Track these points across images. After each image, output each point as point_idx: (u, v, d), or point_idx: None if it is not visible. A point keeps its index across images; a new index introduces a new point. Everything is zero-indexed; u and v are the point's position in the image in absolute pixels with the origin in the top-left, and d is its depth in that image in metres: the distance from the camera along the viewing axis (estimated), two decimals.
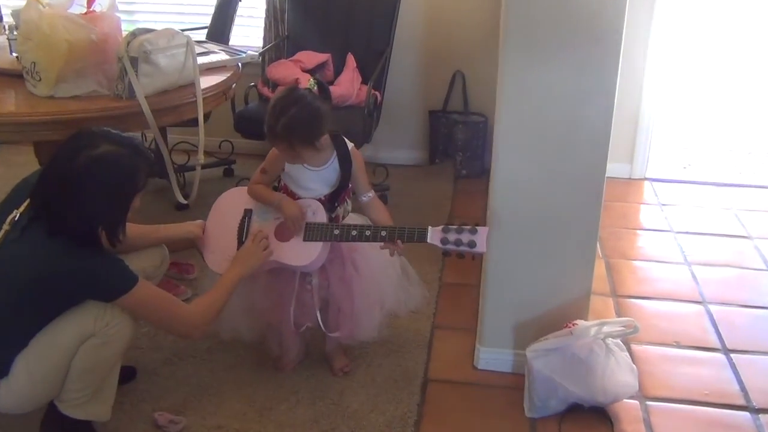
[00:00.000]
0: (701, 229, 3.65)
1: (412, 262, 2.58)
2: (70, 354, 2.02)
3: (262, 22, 4.10)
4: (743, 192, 4.10)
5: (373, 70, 3.65)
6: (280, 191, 2.41)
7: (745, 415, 2.39)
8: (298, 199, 2.35)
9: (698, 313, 2.93)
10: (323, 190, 2.34)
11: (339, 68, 3.80)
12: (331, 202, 2.35)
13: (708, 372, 2.58)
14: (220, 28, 3.83)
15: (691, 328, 2.83)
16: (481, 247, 2.16)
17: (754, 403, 2.43)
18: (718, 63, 5.99)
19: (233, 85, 3.04)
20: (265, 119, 2.17)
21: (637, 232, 3.65)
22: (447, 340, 2.75)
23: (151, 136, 3.18)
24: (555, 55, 2.15)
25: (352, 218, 2.46)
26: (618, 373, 2.30)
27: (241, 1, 3.92)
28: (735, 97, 5.66)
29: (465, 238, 2.16)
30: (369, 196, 2.38)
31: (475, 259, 2.20)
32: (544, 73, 2.17)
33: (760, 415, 2.38)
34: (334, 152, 2.32)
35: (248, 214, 2.39)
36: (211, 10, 3.90)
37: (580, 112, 2.20)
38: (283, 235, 2.33)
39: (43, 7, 2.53)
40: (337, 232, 2.26)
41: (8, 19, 3.09)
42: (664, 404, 2.43)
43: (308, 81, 2.21)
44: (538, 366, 2.30)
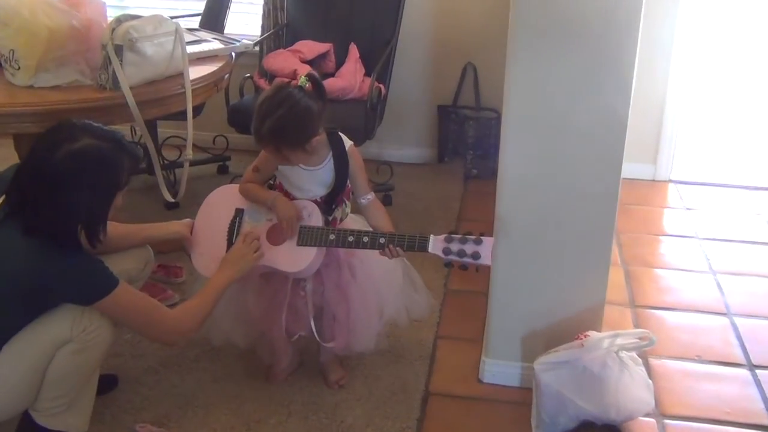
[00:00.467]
0: (728, 236, 3.64)
1: (414, 266, 2.58)
2: (45, 360, 2.03)
3: (260, 9, 4.12)
4: None
5: (377, 62, 3.67)
6: (275, 191, 2.43)
7: None
8: (294, 200, 2.36)
9: (723, 325, 2.93)
10: (319, 192, 2.36)
11: (341, 59, 3.82)
12: (327, 204, 2.36)
13: (731, 389, 2.58)
14: (215, 15, 3.85)
15: (715, 342, 2.82)
16: (486, 259, 2.16)
17: None
18: (748, 59, 5.97)
19: (226, 76, 3.06)
20: (253, 119, 2.18)
21: (660, 237, 3.64)
22: (451, 351, 2.76)
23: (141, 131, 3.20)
24: (567, 48, 2.15)
25: (352, 221, 2.47)
26: (633, 389, 2.30)
27: None
28: (767, 96, 5.64)
29: (469, 248, 2.17)
30: (368, 199, 2.38)
31: (479, 272, 2.20)
32: (555, 68, 2.17)
33: None
34: (330, 151, 2.33)
35: (239, 214, 2.40)
36: None
37: (594, 109, 2.20)
38: (276, 238, 2.34)
39: None
40: (332, 237, 2.27)
41: None
42: (683, 423, 2.43)
43: (299, 77, 2.20)
44: (546, 380, 2.30)
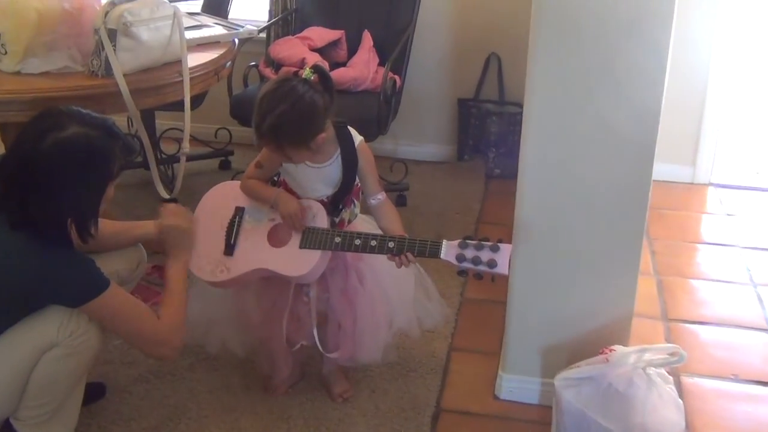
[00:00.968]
0: None
1: (428, 273, 2.59)
2: (29, 366, 2.05)
3: None
4: None
5: (392, 51, 3.67)
6: (278, 188, 2.44)
7: None
8: (298, 200, 2.37)
9: (763, 342, 2.92)
10: (325, 191, 2.36)
11: (353, 47, 3.83)
12: (334, 204, 2.37)
13: None
14: None
15: (754, 360, 2.81)
16: (503, 268, 2.16)
17: None
18: None
19: (228, 64, 3.08)
20: (254, 115, 2.18)
21: (697, 246, 3.63)
22: (465, 364, 2.76)
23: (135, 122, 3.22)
24: (593, 39, 2.15)
25: (361, 223, 2.48)
26: (661, 409, 2.29)
27: None
28: None
29: (484, 256, 2.17)
30: (378, 199, 2.39)
31: (495, 281, 2.20)
32: (580, 60, 2.17)
33: None
34: (338, 147, 2.33)
35: (240, 213, 2.41)
36: None
37: (623, 106, 2.19)
38: (278, 239, 2.35)
39: None
40: (338, 240, 2.28)
41: None
42: None
43: (305, 69, 2.20)
44: (568, 397, 2.30)
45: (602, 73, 2.18)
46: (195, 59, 2.86)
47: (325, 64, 3.63)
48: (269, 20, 4.03)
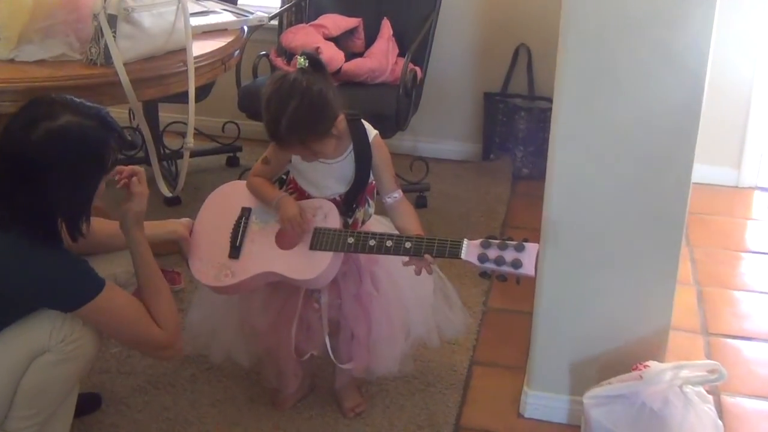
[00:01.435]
0: None
1: (449, 280, 2.59)
2: (18, 372, 2.06)
3: None
4: None
5: (413, 40, 3.68)
6: (288, 187, 2.45)
7: None
8: (308, 199, 2.38)
9: None
10: (338, 188, 2.37)
11: (371, 36, 3.84)
12: (347, 203, 2.38)
13: None
14: None
15: None
16: (528, 269, 2.16)
17: None
18: None
19: (236, 53, 3.09)
20: (264, 121, 2.20)
21: (741, 254, 3.61)
22: (488, 379, 2.76)
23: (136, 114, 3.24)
24: (630, 30, 2.14)
25: (375, 224, 2.48)
26: (699, 431, 2.29)
27: None
28: None
29: (509, 256, 2.17)
30: (395, 197, 2.40)
31: (520, 283, 2.20)
32: (615, 52, 2.17)
33: None
34: (351, 141, 2.34)
35: (246, 214, 2.42)
36: None
37: (660, 102, 2.19)
38: (287, 241, 2.35)
39: None
40: (351, 241, 2.28)
41: None
42: None
43: (298, 58, 2.22)
44: (597, 416, 2.29)
45: (638, 67, 2.17)
46: (201, 47, 2.87)
47: (340, 54, 3.65)
48: (281, 6, 4.05)
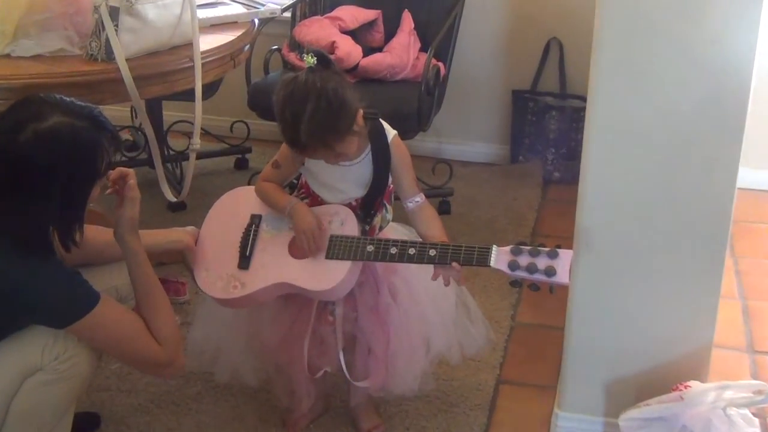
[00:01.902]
0: None
1: (475, 293, 2.59)
2: (8, 393, 2.07)
3: None
4: None
5: (436, 34, 3.68)
6: (300, 191, 2.46)
7: None
8: (324, 205, 2.38)
9: None
10: (354, 192, 2.38)
11: (391, 30, 3.85)
12: (365, 208, 2.38)
13: None
14: None
15: None
16: (562, 277, 2.16)
17: None
18: None
19: (246, 48, 3.10)
20: (280, 128, 2.21)
21: None
22: (516, 400, 2.76)
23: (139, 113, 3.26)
24: (670, 22, 2.13)
25: (393, 231, 2.49)
26: None
27: None
28: None
29: (541, 263, 2.17)
30: (416, 202, 2.40)
31: (554, 293, 2.20)
32: (654, 47, 2.16)
33: None
34: (369, 142, 2.34)
35: (256, 222, 2.43)
36: None
37: (703, 99, 2.18)
38: (301, 250, 2.36)
39: None
40: (370, 248, 2.29)
41: None
42: None
43: (305, 57, 2.22)
44: None
45: (679, 62, 2.16)
46: (208, 42, 2.89)
47: (358, 49, 3.66)
48: None
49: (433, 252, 2.25)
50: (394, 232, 2.47)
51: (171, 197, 2.96)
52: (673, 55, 2.16)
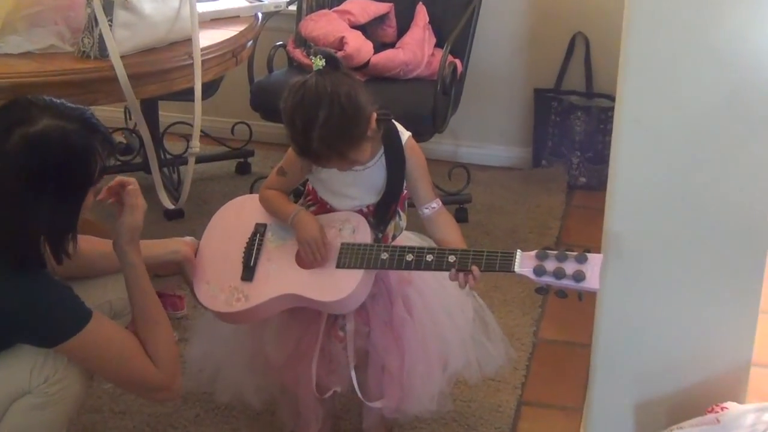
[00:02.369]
0: None
1: (494, 308, 2.59)
2: None
3: None
4: None
5: (452, 29, 3.69)
6: (307, 198, 2.47)
7: None
8: (333, 212, 2.40)
9: None
10: (366, 199, 2.39)
11: (404, 24, 3.85)
12: (378, 215, 2.39)
13: None
14: None
15: None
16: (592, 282, 2.16)
17: None
18: None
19: (249, 44, 3.11)
20: (290, 137, 2.22)
21: None
22: (539, 422, 2.77)
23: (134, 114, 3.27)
24: (707, 12, 2.13)
25: (406, 240, 2.49)
26: None
27: None
28: None
29: (569, 268, 2.17)
30: (433, 208, 2.41)
31: (582, 299, 2.20)
32: (689, 40, 2.15)
33: None
34: (382, 145, 2.35)
35: (261, 231, 2.44)
36: None
37: (742, 95, 2.16)
38: (308, 260, 2.38)
39: None
40: (385, 256, 2.29)
41: None
42: None
43: (312, 59, 2.22)
44: None
45: (717, 56, 2.15)
46: (209, 38, 2.90)
47: (369, 45, 3.67)
48: None
49: (452, 258, 2.25)
50: (408, 241, 2.47)
51: (168, 204, 2.96)
52: (711, 48, 2.15)
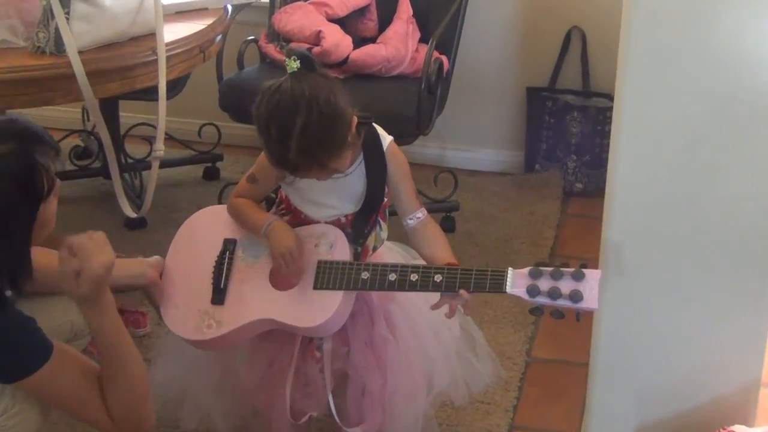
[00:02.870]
0: None
1: (483, 324, 2.60)
2: None
3: None
4: None
5: (438, 22, 3.70)
6: (280, 207, 2.47)
7: None
8: (309, 225, 2.39)
9: None
10: (344, 208, 2.39)
11: (386, 17, 3.86)
12: (357, 227, 2.39)
13: None
14: None
15: None
16: (590, 302, 2.17)
17: None
18: None
19: (217, 38, 3.11)
20: (264, 147, 2.22)
21: None
22: None
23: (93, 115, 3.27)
24: (713, 4, 2.15)
25: (388, 252, 2.50)
26: None
27: None
28: None
29: (565, 286, 2.18)
30: (418, 218, 2.41)
31: (581, 320, 2.21)
32: (693, 35, 2.17)
33: None
34: (361, 150, 2.36)
35: (230, 248, 2.43)
36: None
37: (750, 95, 2.18)
38: (283, 280, 2.37)
39: None
40: (366, 276, 2.29)
41: None
42: None
43: (286, 61, 2.21)
44: None
45: (724, 52, 2.17)
46: (174, 32, 2.90)
47: (348, 40, 3.67)
48: None
49: (438, 277, 2.26)
50: (390, 252, 2.49)
51: (129, 213, 2.96)
52: (718, 44, 2.17)
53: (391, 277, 2.28)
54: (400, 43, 3.72)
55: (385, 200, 2.42)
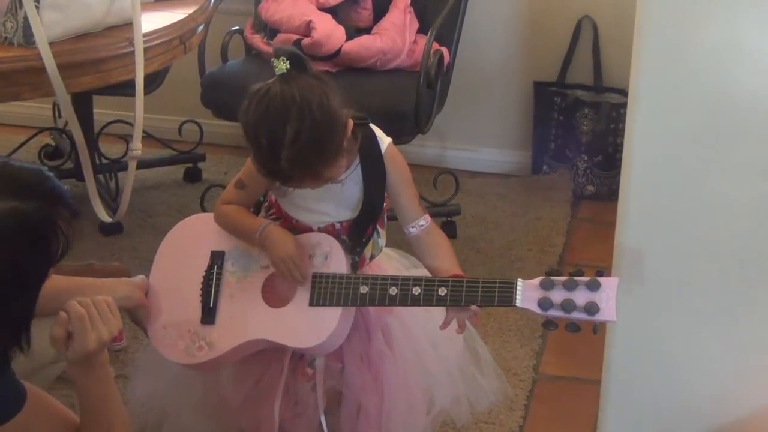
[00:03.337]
0: None
1: (487, 337, 2.60)
2: None
3: None
4: None
5: (437, 13, 3.70)
6: (269, 213, 2.47)
7: None
8: (302, 234, 2.38)
9: None
10: (338, 215, 2.39)
11: (382, 6, 3.86)
12: (354, 236, 2.38)
13: None
14: None
15: None
16: (608, 313, 2.17)
17: None
18: None
19: (199, 29, 3.11)
20: (253, 156, 2.21)
21: None
22: None
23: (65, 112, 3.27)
24: None
25: (387, 260, 2.51)
26: None
27: None
28: None
29: (580, 298, 2.18)
30: (421, 226, 2.40)
31: (597, 332, 2.21)
32: (712, 26, 2.17)
33: None
34: (357, 154, 2.35)
35: (218, 261, 2.43)
36: None
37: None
38: (277, 295, 2.37)
39: None
40: (365, 290, 2.29)
41: None
42: None
43: (275, 62, 2.19)
44: None
45: (746, 44, 2.16)
46: (153, 21, 2.90)
47: (340, 30, 3.67)
48: None
49: (443, 291, 2.25)
50: (389, 260, 2.49)
51: (104, 217, 2.96)
52: (739, 35, 2.16)
53: (392, 291, 2.27)
54: (397, 34, 3.72)
55: (384, 207, 2.42)
